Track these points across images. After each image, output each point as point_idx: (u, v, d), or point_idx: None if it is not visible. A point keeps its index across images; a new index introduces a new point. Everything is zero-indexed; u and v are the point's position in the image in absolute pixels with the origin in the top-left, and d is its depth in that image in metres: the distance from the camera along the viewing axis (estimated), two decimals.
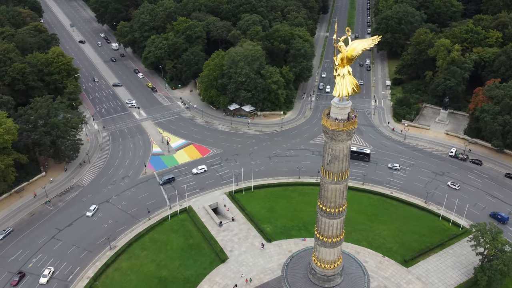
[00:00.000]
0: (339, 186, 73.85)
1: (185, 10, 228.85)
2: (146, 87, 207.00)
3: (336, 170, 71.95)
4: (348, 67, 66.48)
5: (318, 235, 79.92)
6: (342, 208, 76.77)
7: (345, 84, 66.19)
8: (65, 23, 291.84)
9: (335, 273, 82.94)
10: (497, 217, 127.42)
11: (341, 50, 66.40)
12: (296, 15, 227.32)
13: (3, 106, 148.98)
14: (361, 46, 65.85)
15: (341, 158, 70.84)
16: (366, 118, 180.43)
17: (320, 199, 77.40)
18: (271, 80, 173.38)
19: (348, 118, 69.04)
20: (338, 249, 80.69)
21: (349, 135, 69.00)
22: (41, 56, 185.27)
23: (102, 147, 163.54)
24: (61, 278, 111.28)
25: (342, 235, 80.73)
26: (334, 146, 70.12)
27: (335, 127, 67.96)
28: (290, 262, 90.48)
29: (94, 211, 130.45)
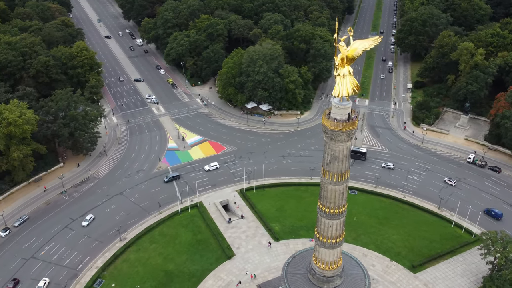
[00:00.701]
0: (339, 187, 73.35)
1: (208, 8, 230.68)
2: (166, 83, 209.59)
3: (335, 171, 71.53)
4: (349, 67, 65.87)
5: (318, 235, 79.59)
6: (342, 209, 76.20)
7: (345, 84, 65.64)
8: (93, 18, 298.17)
9: (335, 275, 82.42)
10: (491, 213, 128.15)
11: (341, 50, 65.76)
12: (319, 15, 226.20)
13: (25, 98, 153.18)
14: (362, 47, 65.14)
15: (341, 158, 70.37)
16: (384, 121, 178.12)
17: (320, 199, 77.09)
18: (288, 80, 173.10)
19: (348, 119, 68.48)
20: (338, 250, 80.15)
21: (348, 136, 68.46)
22: (65, 50, 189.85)
23: (119, 140, 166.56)
24: (71, 266, 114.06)
25: (342, 237, 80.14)
26: (333, 146, 69.74)
27: (334, 127, 67.58)
28: (292, 261, 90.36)
29: (90, 221, 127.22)
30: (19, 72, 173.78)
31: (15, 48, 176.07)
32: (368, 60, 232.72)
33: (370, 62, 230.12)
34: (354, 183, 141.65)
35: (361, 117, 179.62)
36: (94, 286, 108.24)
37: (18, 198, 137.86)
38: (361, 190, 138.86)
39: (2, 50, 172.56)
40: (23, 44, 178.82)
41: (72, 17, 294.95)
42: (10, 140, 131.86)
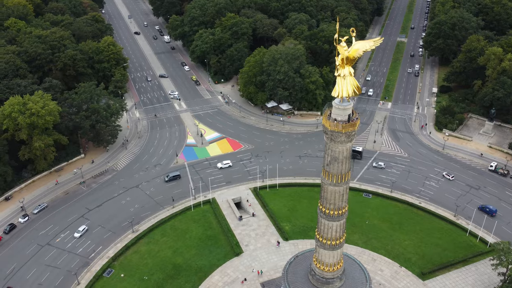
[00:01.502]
0: (339, 188, 72.81)
1: (235, 6, 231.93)
2: (190, 80, 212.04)
3: (335, 172, 71.07)
4: (349, 68, 65.34)
5: (318, 236, 79.31)
6: (342, 211, 75.62)
7: (345, 85, 65.15)
8: (124, 14, 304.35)
9: (334, 277, 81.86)
10: (486, 210, 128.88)
11: (340, 51, 65.27)
12: (346, 16, 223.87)
13: (51, 90, 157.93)
14: (363, 48, 64.50)
15: (341, 160, 69.88)
16: (405, 125, 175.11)
17: (321, 200, 76.80)
18: (309, 80, 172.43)
19: (349, 120, 67.92)
20: (338, 252, 79.56)
21: (348, 137, 67.90)
22: (93, 45, 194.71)
23: (140, 134, 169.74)
24: (84, 255, 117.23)
25: (343, 239, 79.50)
26: (333, 147, 69.33)
27: (334, 128, 67.16)
28: (294, 261, 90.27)
29: (83, 232, 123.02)
30: (48, 65, 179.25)
31: (45, 41, 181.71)
32: (394, 62, 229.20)
33: (396, 65, 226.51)
34: (369, 186, 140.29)
35: (382, 120, 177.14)
36: (104, 275, 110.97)
37: (39, 186, 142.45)
38: (376, 194, 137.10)
39: (32, 43, 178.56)
40: (52, 38, 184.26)
41: (104, 13, 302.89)
42: (33, 130, 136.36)
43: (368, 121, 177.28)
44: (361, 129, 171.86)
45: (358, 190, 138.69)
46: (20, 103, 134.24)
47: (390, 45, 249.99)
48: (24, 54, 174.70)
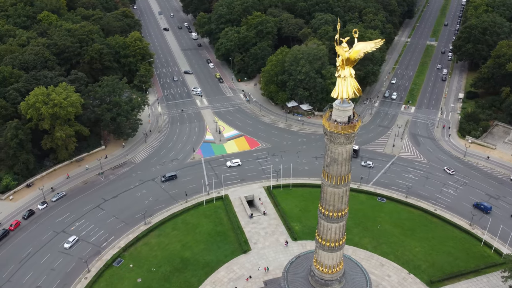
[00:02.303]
0: (338, 190, 72.27)
1: (262, 5, 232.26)
2: (214, 77, 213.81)
3: (334, 173, 70.60)
4: (350, 69, 64.77)
5: (318, 237, 78.98)
6: (341, 213, 74.99)
7: (345, 86, 64.62)
8: (155, 10, 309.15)
9: (333, 279, 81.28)
10: (480, 207, 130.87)
11: (340, 52, 64.76)
12: (374, 18, 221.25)
13: (76, 82, 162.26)
14: (364, 49, 63.84)
15: (340, 161, 69.39)
16: (427, 130, 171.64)
17: (320, 201, 76.42)
18: (330, 81, 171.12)
19: (349, 122, 67.34)
20: (337, 254, 78.94)
21: (348, 138, 67.33)
22: (120, 39, 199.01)
23: (160, 129, 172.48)
24: (96, 243, 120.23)
25: (342, 241, 78.81)
26: (333, 148, 68.93)
27: (333, 129, 66.77)
28: (295, 261, 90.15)
29: (73, 242, 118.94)
30: (75, 58, 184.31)
31: (74, 35, 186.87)
32: (421, 66, 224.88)
33: (423, 69, 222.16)
34: (384, 190, 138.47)
35: (403, 124, 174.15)
36: (114, 265, 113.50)
37: (59, 175, 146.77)
38: (390, 199, 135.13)
39: (62, 36, 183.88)
40: (81, 32, 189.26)
41: (136, 9, 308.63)
42: (55, 120, 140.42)
43: (389, 125, 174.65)
44: (381, 132, 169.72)
45: (373, 194, 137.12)
46: (44, 94, 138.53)
47: (419, 48, 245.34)
48: (54, 46, 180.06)
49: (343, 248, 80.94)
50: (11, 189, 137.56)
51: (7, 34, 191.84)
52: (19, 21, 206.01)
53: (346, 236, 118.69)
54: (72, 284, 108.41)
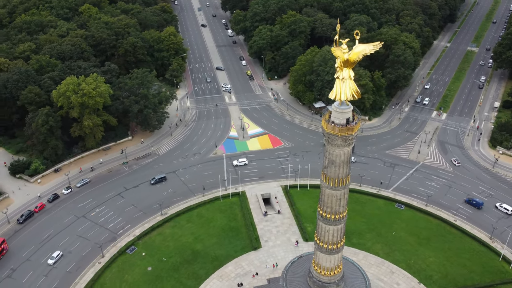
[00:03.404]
0: (336, 193, 71.73)
1: (298, 4, 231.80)
2: (245, 75, 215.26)
3: (332, 175, 70.16)
4: (349, 71, 64.11)
5: (316, 238, 78.68)
6: (339, 216, 74.35)
7: (344, 88, 64.11)
8: (195, 6, 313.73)
9: (331, 282, 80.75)
10: (472, 203, 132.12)
11: (336, 53, 64.25)
12: (411, 20, 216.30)
13: (108, 73, 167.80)
14: (363, 51, 63.09)
15: (338, 163, 68.87)
16: (457, 138, 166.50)
17: (319, 202, 76.06)
18: (358, 83, 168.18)
19: (347, 124, 66.73)
20: (335, 257, 78.36)
21: (345, 141, 66.72)
22: (155, 34, 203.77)
23: (186, 123, 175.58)
24: (113, 230, 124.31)
25: (340, 244, 78.06)
26: (331, 150, 68.53)
27: (330, 131, 66.40)
28: (296, 261, 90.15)
29: (57, 258, 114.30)
30: (111, 50, 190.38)
31: (111, 27, 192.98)
32: (458, 72, 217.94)
33: (461, 75, 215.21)
34: (403, 197, 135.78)
35: (432, 131, 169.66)
36: (127, 252, 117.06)
37: (86, 162, 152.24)
38: (409, 206, 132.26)
39: (99, 28, 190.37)
40: (118, 25, 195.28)
41: (177, 4, 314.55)
42: (84, 109, 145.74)
43: (417, 131, 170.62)
44: (408, 138, 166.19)
45: (391, 200, 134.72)
46: (75, 83, 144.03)
47: (459, 54, 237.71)
48: (91, 38, 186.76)
49: (342, 251, 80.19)
50: (40, 173, 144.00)
51: (49, 24, 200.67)
52: (62, 13, 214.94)
53: (358, 241, 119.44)
54: (86, 268, 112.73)
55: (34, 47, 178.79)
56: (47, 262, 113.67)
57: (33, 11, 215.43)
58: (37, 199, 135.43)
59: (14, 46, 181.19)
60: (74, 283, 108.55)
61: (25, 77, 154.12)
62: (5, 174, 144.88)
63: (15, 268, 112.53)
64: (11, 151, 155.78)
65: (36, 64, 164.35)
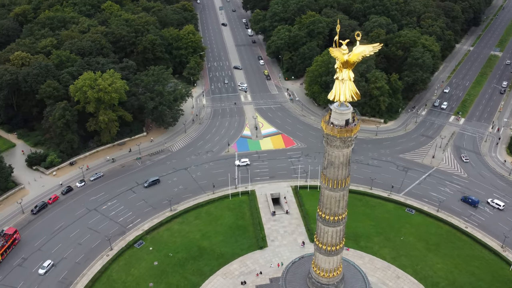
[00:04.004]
0: (334, 194, 71.38)
1: (317, 5, 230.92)
2: (262, 74, 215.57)
3: (331, 177, 69.87)
4: (349, 72, 63.72)
5: (315, 239, 78.48)
6: (338, 218, 73.95)
7: (343, 89, 63.69)
8: (217, 5, 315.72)
9: (330, 283, 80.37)
10: (468, 201, 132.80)
11: (334, 54, 63.92)
12: (432, 23, 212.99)
13: (126, 69, 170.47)
14: (362, 53, 62.64)
15: (337, 165, 68.56)
16: (474, 144, 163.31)
17: (319, 203, 75.86)
18: (374, 85, 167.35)
19: (347, 125, 66.35)
20: (334, 259, 78.00)
21: (344, 142, 66.35)
22: (174, 32, 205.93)
23: (201, 121, 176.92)
24: (122, 224, 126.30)
25: (339, 246, 77.63)
26: (330, 151, 68.28)
27: (329, 131, 66.10)
28: (297, 262, 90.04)
29: (48, 268, 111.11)
30: (130, 47, 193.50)
31: (131, 25, 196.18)
32: (480, 77, 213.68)
33: (482, 80, 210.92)
34: (414, 202, 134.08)
35: (448, 135, 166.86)
36: (135, 246, 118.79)
37: (100, 156, 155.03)
38: (419, 211, 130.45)
39: (119, 25, 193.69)
40: (138, 22, 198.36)
41: (199, 3, 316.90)
42: (100, 104, 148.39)
43: (433, 135, 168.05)
44: (423, 142, 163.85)
45: (402, 204, 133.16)
46: (92, 79, 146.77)
47: (481, 58, 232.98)
48: (111, 35, 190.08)
49: (341, 253, 79.75)
50: (55, 166, 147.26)
51: (71, 21, 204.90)
52: (84, 9, 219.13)
53: (366, 244, 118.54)
54: (94, 259, 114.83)
55: (56, 42, 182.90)
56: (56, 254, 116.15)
57: (57, 7, 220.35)
58: (58, 187, 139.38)
59: (37, 41, 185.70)
60: (82, 274, 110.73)
61: (45, 71, 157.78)
62: (23, 165, 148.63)
63: (26, 257, 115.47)
64: (30, 143, 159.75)
65: (56, 59, 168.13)
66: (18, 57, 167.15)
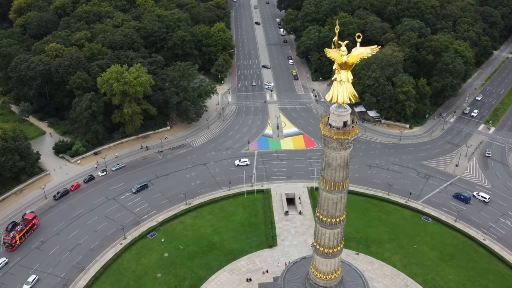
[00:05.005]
0: (332, 196, 70.91)
1: (350, 6, 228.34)
2: (290, 74, 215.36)
3: (328, 178, 69.46)
4: (348, 73, 63.21)
5: (314, 241, 78.19)
6: (336, 220, 73.36)
7: (341, 91, 63.28)
8: (253, 4, 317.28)
9: (327, 286, 79.78)
10: (460, 197, 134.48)
11: (331, 55, 63.55)
12: (468, 28, 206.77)
13: (154, 64, 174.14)
14: (360, 54, 62.00)
15: (334, 167, 68.09)
16: (502, 154, 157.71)
17: (317, 204, 75.55)
18: (400, 90, 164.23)
19: (344, 127, 65.80)
20: (332, 261, 77.41)
21: (341, 144, 65.82)
22: (204, 29, 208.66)
23: (224, 118, 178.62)
24: (138, 214, 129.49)
25: (337, 249, 76.91)
26: (327, 152, 67.91)
27: (326, 133, 65.81)
28: (299, 262, 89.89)
29: (32, 283, 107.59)
30: (160, 42, 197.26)
31: (163, 21, 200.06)
32: None
33: None
34: (432, 210, 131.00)
35: (475, 144, 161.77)
36: (148, 236, 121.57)
37: (124, 148, 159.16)
38: (436, 220, 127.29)
39: (151, 21, 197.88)
40: (170, 18, 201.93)
41: (235, 1, 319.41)
42: (125, 97, 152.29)
43: (459, 143, 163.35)
44: (448, 150, 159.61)
45: (419, 212, 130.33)
46: (118, 72, 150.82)
47: None
48: (143, 30, 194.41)
49: (339, 256, 79.06)
50: (80, 155, 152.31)
51: (106, 15, 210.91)
52: (120, 4, 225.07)
53: (377, 250, 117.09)
54: (108, 247, 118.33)
55: (90, 35, 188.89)
56: (72, 239, 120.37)
57: (95, 1, 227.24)
58: (94, 169, 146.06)
59: (72, 34, 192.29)
60: (95, 260, 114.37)
61: (76, 63, 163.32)
62: (50, 153, 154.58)
63: (44, 240, 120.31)
64: (59, 132, 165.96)
65: (88, 52, 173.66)
66: (52, 48, 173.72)
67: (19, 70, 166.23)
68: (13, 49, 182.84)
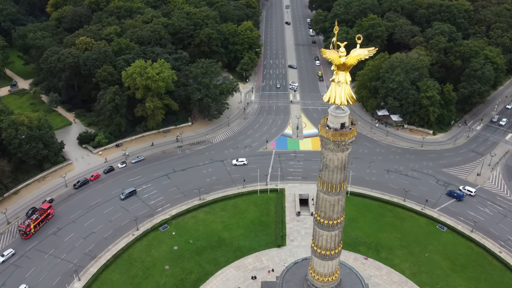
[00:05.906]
0: (329, 198, 70.53)
1: (380, 8, 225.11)
2: (316, 75, 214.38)
3: (326, 180, 69.16)
4: (346, 75, 62.79)
5: (312, 242, 77.97)
6: (334, 222, 72.89)
7: (339, 92, 62.96)
8: (285, 4, 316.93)
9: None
10: (453, 195, 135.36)
11: (329, 56, 63.12)
12: (502, 34, 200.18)
13: (179, 60, 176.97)
14: (358, 56, 61.45)
15: (331, 168, 67.73)
16: None
17: (315, 205, 75.30)
18: (424, 95, 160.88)
19: (342, 129, 65.35)
20: (329, 264, 76.94)
21: (338, 146, 65.39)
22: (232, 27, 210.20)
23: (245, 116, 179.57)
24: (153, 207, 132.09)
25: (334, 252, 76.34)
26: (325, 153, 67.70)
27: (323, 134, 65.57)
28: (300, 263, 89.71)
29: None
30: (188, 39, 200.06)
31: (191, 18, 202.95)
32: None
33: None
34: (448, 219, 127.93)
35: (501, 154, 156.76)
36: (160, 229, 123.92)
37: (144, 141, 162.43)
38: (452, 229, 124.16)
39: (180, 17, 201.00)
40: (198, 16, 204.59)
41: (267, 1, 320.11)
42: (147, 92, 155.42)
43: (484, 152, 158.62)
44: (471, 158, 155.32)
45: (434, 220, 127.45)
46: (142, 67, 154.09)
47: None
48: (171, 26, 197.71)
49: (337, 259, 78.52)
50: (102, 146, 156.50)
51: (137, 11, 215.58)
52: (151, 1, 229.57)
53: (386, 256, 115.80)
54: (120, 237, 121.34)
55: (119, 30, 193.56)
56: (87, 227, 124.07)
57: None
58: (121, 157, 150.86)
59: (103, 28, 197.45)
60: (107, 249, 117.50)
61: (103, 56, 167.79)
62: (74, 143, 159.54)
63: (61, 227, 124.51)
64: (84, 123, 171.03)
65: (116, 46, 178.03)
66: (82, 42, 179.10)
67: (49, 62, 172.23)
68: (46, 42, 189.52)
